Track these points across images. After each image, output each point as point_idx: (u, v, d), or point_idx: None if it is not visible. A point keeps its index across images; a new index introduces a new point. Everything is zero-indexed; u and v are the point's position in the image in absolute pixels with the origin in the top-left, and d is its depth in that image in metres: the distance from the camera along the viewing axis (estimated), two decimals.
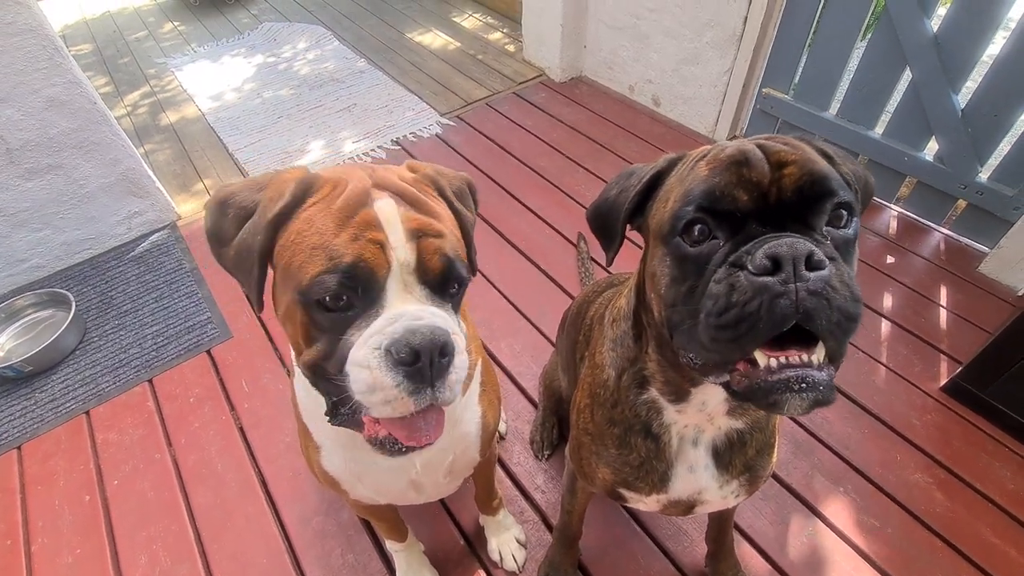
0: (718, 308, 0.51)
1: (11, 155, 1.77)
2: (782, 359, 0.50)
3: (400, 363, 0.55)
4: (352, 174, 0.63)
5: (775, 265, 0.48)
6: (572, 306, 1.21)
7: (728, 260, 0.51)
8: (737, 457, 0.75)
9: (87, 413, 1.59)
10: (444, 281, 0.62)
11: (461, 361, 0.59)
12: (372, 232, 0.57)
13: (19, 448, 1.52)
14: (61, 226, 1.95)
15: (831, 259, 0.49)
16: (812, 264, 0.48)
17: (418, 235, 0.59)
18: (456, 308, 0.66)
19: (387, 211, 0.59)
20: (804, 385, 0.49)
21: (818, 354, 0.50)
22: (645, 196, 0.64)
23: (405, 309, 0.57)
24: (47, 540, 1.35)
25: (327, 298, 0.57)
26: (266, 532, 1.33)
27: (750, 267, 0.49)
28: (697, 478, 0.75)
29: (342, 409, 0.62)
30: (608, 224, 0.68)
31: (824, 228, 0.53)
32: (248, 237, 0.62)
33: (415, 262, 0.59)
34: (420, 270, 0.59)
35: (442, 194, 0.69)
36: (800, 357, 0.50)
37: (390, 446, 0.62)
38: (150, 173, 2.08)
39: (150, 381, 1.66)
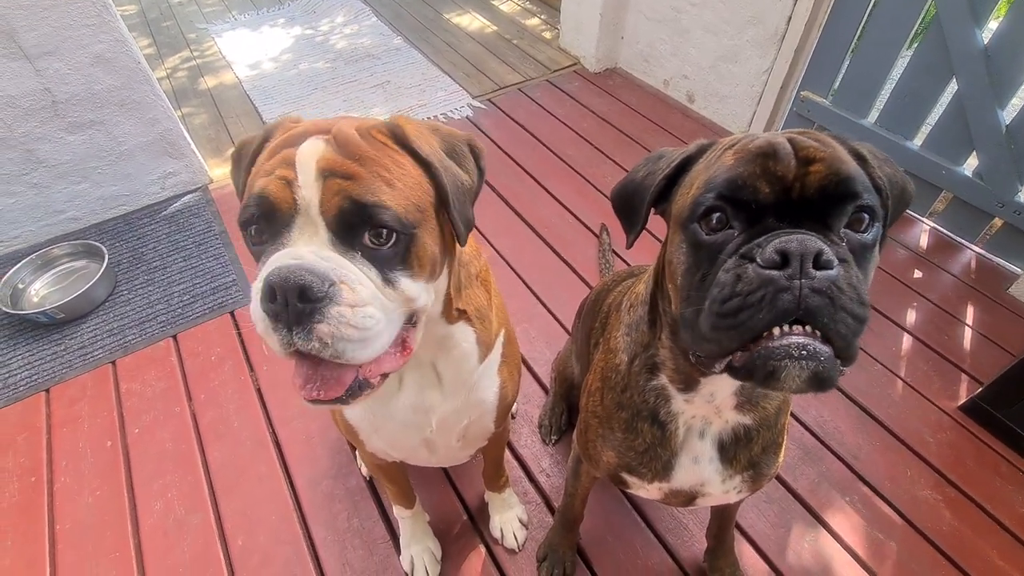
0: (722, 296, 0.51)
1: (56, 108, 1.82)
2: (787, 329, 0.50)
3: (263, 299, 0.54)
4: (312, 121, 0.64)
5: (783, 260, 0.48)
6: (590, 295, 1.21)
7: (739, 251, 0.52)
8: (742, 452, 0.75)
9: (113, 363, 1.65)
10: (346, 225, 0.57)
11: (339, 313, 0.54)
12: (283, 169, 0.57)
13: (47, 391, 1.58)
14: (99, 181, 2.01)
15: (842, 261, 0.49)
16: (820, 263, 0.48)
17: (326, 175, 0.57)
18: (386, 264, 0.60)
19: (306, 151, 0.58)
20: (805, 353, 0.49)
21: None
22: (672, 181, 0.64)
23: (292, 250, 0.56)
24: (69, 479, 1.41)
25: (252, 230, 0.59)
26: (276, 491, 1.37)
27: (759, 260, 0.49)
28: (700, 470, 0.76)
29: None
30: (632, 206, 0.68)
31: (842, 230, 0.53)
32: (237, 181, 0.69)
33: (317, 202, 0.56)
34: (323, 212, 0.57)
35: (402, 143, 0.64)
36: (805, 329, 0.49)
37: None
38: (186, 135, 2.12)
39: (174, 337, 1.71)
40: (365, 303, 0.56)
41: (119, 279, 1.86)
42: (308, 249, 0.56)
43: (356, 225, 0.57)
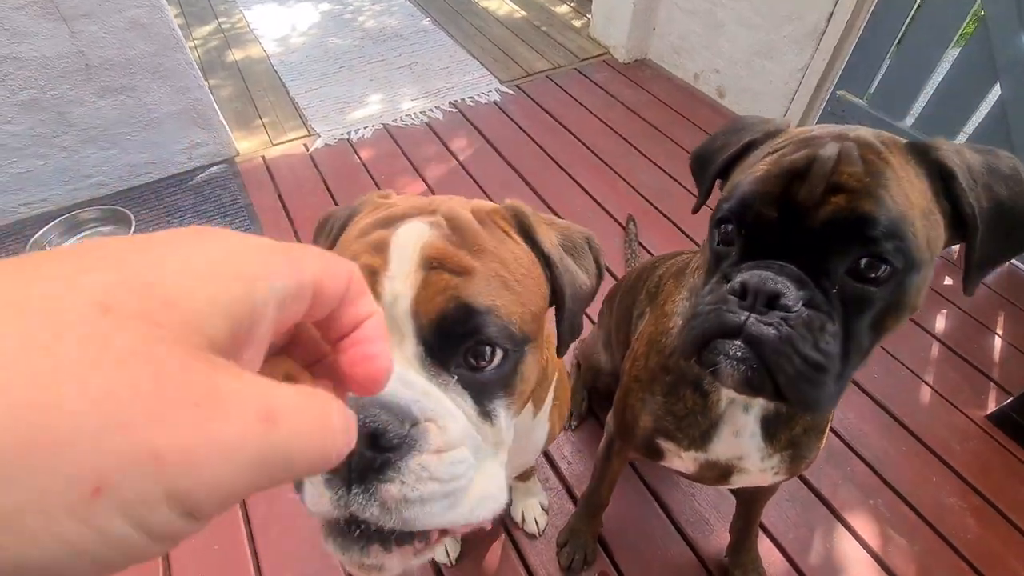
0: (693, 309, 0.56)
1: (90, 71, 1.82)
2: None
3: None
4: (415, 199, 0.52)
5: (743, 292, 0.50)
6: (626, 279, 1.20)
7: (723, 270, 0.54)
8: (783, 431, 0.74)
9: None
10: (445, 336, 0.42)
11: (420, 465, 0.38)
12: (372, 257, 0.44)
13: None
14: (127, 147, 2.00)
15: (812, 307, 0.49)
16: (777, 305, 0.49)
17: (430, 265, 0.43)
18: (484, 390, 0.45)
19: (406, 235, 0.45)
20: (739, 355, 0.50)
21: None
22: (736, 159, 0.64)
23: None
24: None
25: None
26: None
27: (727, 285, 0.52)
28: (741, 444, 0.74)
29: None
30: (703, 173, 0.69)
31: (841, 275, 0.49)
32: None
33: (411, 300, 0.42)
34: (416, 315, 0.42)
35: (525, 232, 0.53)
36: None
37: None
38: (215, 106, 2.11)
39: None
40: (454, 445, 0.40)
41: None
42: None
43: (458, 337, 0.43)
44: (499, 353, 0.44)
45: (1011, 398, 1.47)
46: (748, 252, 0.53)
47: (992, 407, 1.52)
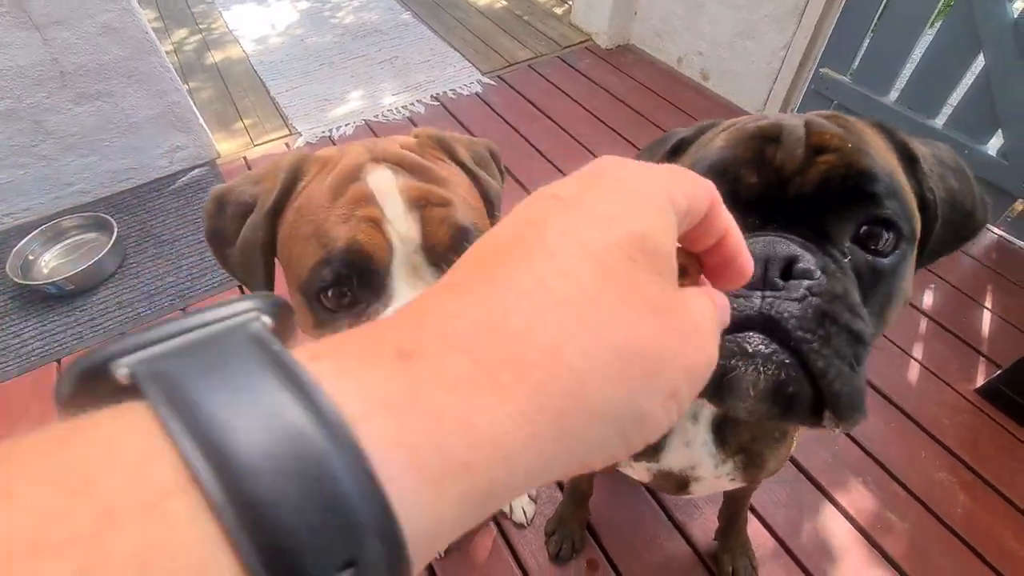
0: None
1: (64, 79, 1.80)
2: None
3: None
4: (347, 149, 0.56)
5: None
6: None
7: None
8: (731, 436, 0.69)
9: (123, 334, 1.65)
10: (458, 254, 0.53)
11: None
12: (364, 208, 0.49)
13: (59, 361, 1.59)
14: (107, 153, 1.99)
15: (829, 274, 0.39)
16: (793, 272, 0.38)
17: (420, 204, 0.51)
18: None
19: (381, 182, 0.51)
20: (764, 350, 0.37)
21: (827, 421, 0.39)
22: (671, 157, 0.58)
23: (413, 298, 0.48)
24: None
25: (329, 294, 0.50)
26: None
27: None
28: (692, 453, 0.70)
29: None
30: None
31: (847, 245, 0.42)
32: (250, 234, 0.55)
33: (420, 237, 0.50)
34: (428, 247, 0.50)
35: (454, 157, 0.61)
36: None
37: None
38: (194, 108, 2.10)
39: (183, 309, 1.71)
40: None
41: (128, 252, 1.86)
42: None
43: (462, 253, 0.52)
44: None
45: (1000, 370, 1.46)
46: None
47: (981, 381, 1.51)
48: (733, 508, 1.12)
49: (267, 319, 0.17)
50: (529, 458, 0.16)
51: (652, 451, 0.72)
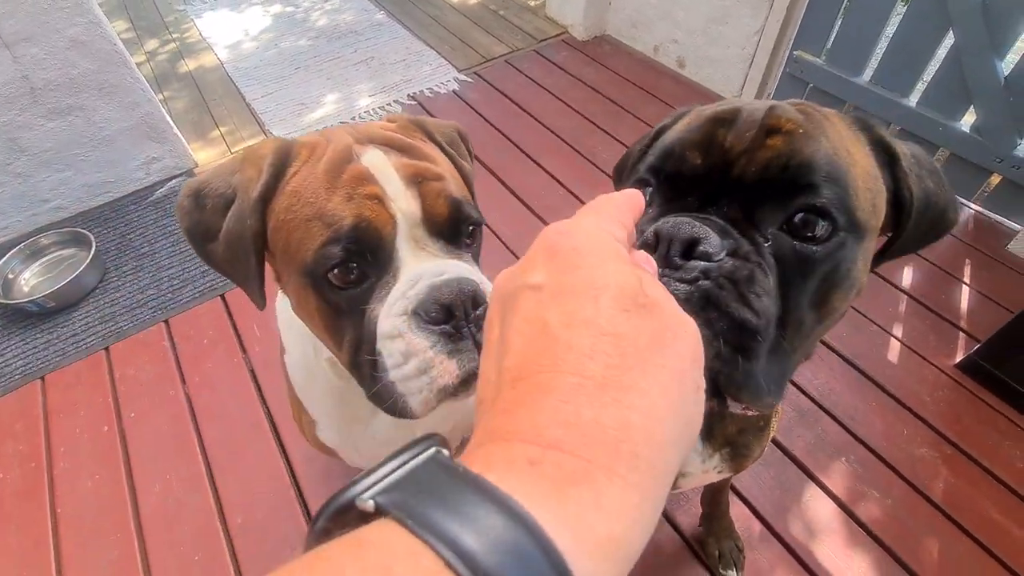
0: None
1: (35, 95, 1.79)
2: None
3: (433, 323, 0.49)
4: (330, 133, 0.57)
5: (656, 242, 0.39)
6: None
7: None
8: (717, 429, 0.69)
9: (106, 349, 1.64)
10: (456, 227, 0.55)
11: None
12: (366, 187, 0.51)
13: (43, 379, 1.58)
14: (82, 168, 1.98)
15: (740, 257, 0.39)
16: (694, 254, 0.38)
17: (417, 181, 0.53)
18: (476, 258, 0.60)
19: (377, 162, 0.53)
20: None
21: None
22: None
23: (422, 267, 0.51)
24: (68, 464, 1.41)
25: (336, 272, 0.51)
26: (273, 469, 1.37)
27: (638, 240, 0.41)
28: None
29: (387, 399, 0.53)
30: (621, 179, 0.64)
31: (771, 231, 0.41)
32: (236, 225, 0.54)
33: (420, 211, 0.53)
34: (428, 220, 0.53)
35: (432, 139, 0.64)
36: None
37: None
38: (168, 119, 2.09)
39: (166, 321, 1.70)
40: None
41: (108, 266, 1.85)
42: (434, 264, 0.51)
43: (461, 226, 0.55)
44: (476, 231, 0.58)
45: (979, 345, 1.47)
46: (669, 211, 0.45)
47: (961, 356, 1.52)
48: (715, 494, 1.13)
49: (445, 450, 0.22)
50: (646, 510, 0.21)
51: None
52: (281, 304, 0.74)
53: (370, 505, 0.20)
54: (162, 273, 1.82)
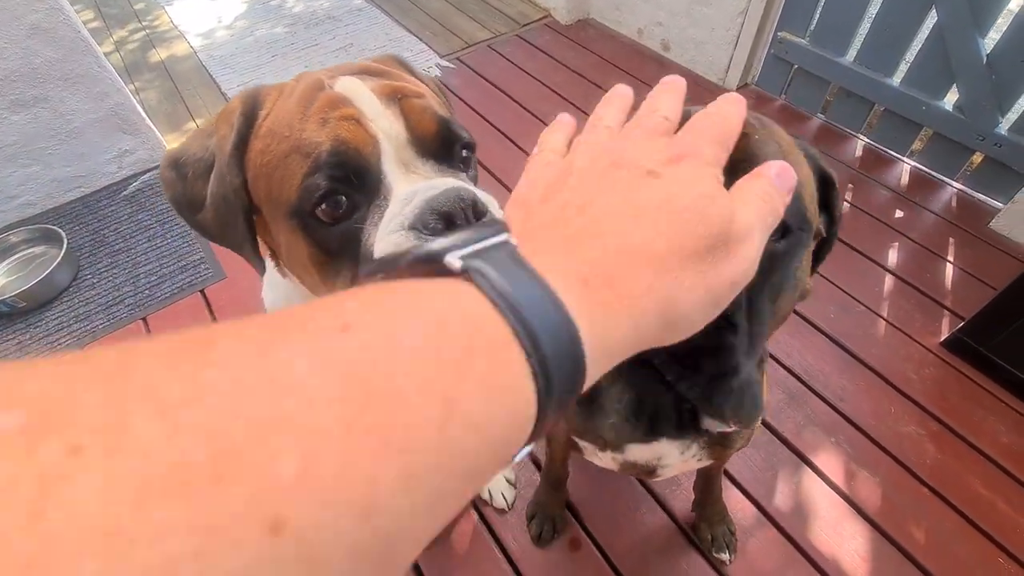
0: None
1: None
2: None
3: (433, 235, 0.44)
4: (301, 75, 0.53)
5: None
6: None
7: None
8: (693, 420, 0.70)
9: (81, 349, 1.59)
10: (448, 146, 0.51)
11: None
12: (340, 109, 0.47)
13: None
14: (50, 162, 1.90)
15: None
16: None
17: (396, 98, 0.49)
18: (474, 179, 0.56)
19: (350, 86, 0.49)
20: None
21: None
22: None
23: (415, 187, 0.47)
24: None
25: (324, 208, 0.47)
26: None
27: None
28: (654, 447, 0.68)
29: None
30: None
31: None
32: (219, 187, 0.51)
33: (405, 131, 0.48)
34: (415, 140, 0.49)
35: (412, 73, 0.59)
36: None
37: None
38: (140, 109, 2.01)
39: (144, 319, 1.65)
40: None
41: (82, 263, 1.79)
42: (427, 182, 0.47)
43: (451, 144, 0.51)
44: (470, 153, 0.55)
45: (963, 322, 1.48)
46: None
47: (946, 334, 1.54)
48: (707, 479, 1.13)
49: (513, 239, 0.23)
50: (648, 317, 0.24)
51: (616, 445, 0.71)
52: (267, 286, 0.71)
53: (457, 265, 0.21)
54: (139, 269, 1.76)
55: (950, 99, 1.85)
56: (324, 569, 0.13)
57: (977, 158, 1.88)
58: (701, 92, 2.34)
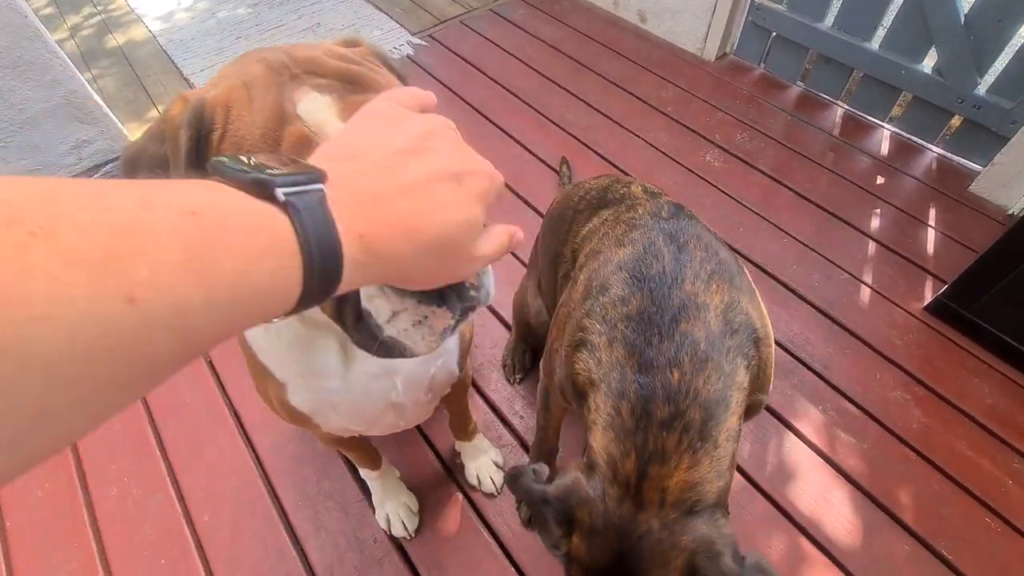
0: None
1: None
2: None
3: None
4: (249, 71, 0.45)
5: None
6: (554, 210, 1.13)
7: None
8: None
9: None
10: None
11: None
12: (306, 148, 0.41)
13: None
14: (4, 156, 1.81)
15: None
16: None
17: None
18: None
19: (318, 115, 0.43)
20: None
21: None
22: None
23: None
24: None
25: None
26: (239, 461, 1.31)
27: None
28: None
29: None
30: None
31: None
32: None
33: None
34: None
35: (387, 65, 0.55)
36: None
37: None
38: (96, 97, 1.92)
39: None
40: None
41: None
42: None
43: None
44: None
45: (946, 286, 1.48)
46: None
47: (930, 297, 1.54)
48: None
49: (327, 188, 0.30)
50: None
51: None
52: None
53: (282, 198, 0.28)
54: None
55: (928, 62, 1.83)
56: (155, 321, 0.22)
57: (956, 121, 1.87)
58: (679, 64, 2.30)
